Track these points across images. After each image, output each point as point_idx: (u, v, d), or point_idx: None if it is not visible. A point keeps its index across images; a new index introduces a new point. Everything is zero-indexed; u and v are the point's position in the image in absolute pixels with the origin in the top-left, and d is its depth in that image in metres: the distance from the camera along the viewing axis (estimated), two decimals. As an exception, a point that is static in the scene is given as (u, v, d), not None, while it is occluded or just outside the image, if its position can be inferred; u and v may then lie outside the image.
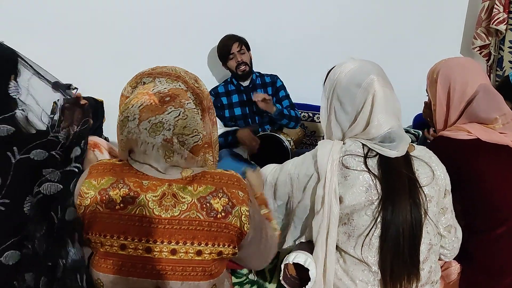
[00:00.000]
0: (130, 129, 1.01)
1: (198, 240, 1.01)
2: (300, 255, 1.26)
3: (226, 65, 2.71)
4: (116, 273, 1.03)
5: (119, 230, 1.01)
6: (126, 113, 1.02)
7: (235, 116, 2.70)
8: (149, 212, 1.01)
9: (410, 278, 1.20)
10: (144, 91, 1.03)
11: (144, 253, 1.01)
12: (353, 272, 1.24)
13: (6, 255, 0.98)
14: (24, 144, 1.04)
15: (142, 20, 2.80)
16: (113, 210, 1.02)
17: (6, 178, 1.00)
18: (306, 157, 1.34)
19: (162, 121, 1.00)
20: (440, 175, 1.29)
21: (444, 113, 1.56)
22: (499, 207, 1.40)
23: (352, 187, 1.22)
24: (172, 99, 1.02)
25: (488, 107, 1.47)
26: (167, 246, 1.01)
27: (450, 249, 1.38)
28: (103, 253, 1.03)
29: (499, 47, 3.15)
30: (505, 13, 3.00)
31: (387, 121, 1.23)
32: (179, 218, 1.01)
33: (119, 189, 1.02)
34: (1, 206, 0.99)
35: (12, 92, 1.05)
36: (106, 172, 1.06)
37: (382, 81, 1.26)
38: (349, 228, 1.24)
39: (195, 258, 1.02)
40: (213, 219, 1.02)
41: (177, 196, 1.02)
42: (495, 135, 1.44)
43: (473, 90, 1.48)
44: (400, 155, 1.23)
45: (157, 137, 1.00)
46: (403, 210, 1.18)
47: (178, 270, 1.02)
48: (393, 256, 1.19)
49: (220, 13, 2.90)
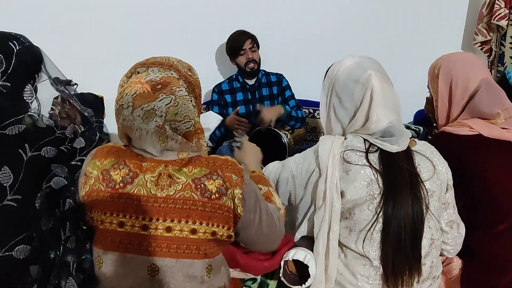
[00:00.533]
0: (125, 117, 1.05)
1: (193, 219, 1.05)
2: (300, 252, 1.26)
3: (234, 61, 2.68)
4: (114, 249, 1.07)
5: (118, 208, 1.06)
6: (121, 101, 1.06)
7: (239, 114, 2.68)
8: (146, 191, 1.05)
9: (411, 272, 1.20)
10: (137, 80, 1.07)
11: (141, 231, 1.05)
12: (354, 267, 1.24)
13: (17, 249, 1.02)
14: (34, 141, 1.09)
15: (143, 16, 2.79)
16: (113, 189, 1.06)
17: (18, 175, 1.04)
18: (307, 153, 1.34)
19: (154, 108, 1.03)
20: (441, 170, 1.28)
21: (446, 108, 1.56)
22: (501, 203, 1.40)
23: (353, 181, 1.22)
24: (163, 87, 1.06)
25: (491, 102, 1.46)
26: (162, 223, 1.05)
27: (453, 245, 1.37)
28: (103, 230, 1.07)
29: (500, 42, 3.14)
30: (506, 9, 2.99)
31: (386, 115, 1.23)
32: (174, 197, 1.05)
33: (120, 169, 1.07)
34: (13, 202, 1.03)
35: (27, 96, 1.13)
36: (109, 154, 1.10)
37: (380, 76, 1.26)
38: (351, 222, 1.24)
39: (189, 236, 1.05)
40: (207, 200, 1.05)
41: (172, 176, 1.06)
42: (497, 130, 1.44)
43: (475, 85, 1.47)
44: (401, 150, 1.23)
45: (150, 123, 1.03)
46: (404, 204, 1.18)
47: (172, 247, 1.05)
48: (395, 251, 1.19)
49: (221, 12, 2.90)
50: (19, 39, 1.16)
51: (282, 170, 1.39)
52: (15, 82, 1.12)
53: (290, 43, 3.03)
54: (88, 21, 2.70)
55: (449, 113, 1.55)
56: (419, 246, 1.21)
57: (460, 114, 1.52)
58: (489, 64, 3.23)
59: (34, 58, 1.19)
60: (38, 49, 1.22)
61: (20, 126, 1.08)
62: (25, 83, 1.14)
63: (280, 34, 2.97)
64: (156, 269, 1.05)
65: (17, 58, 1.12)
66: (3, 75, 1.10)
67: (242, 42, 2.61)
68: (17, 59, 1.12)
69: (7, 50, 1.12)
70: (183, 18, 2.86)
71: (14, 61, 1.12)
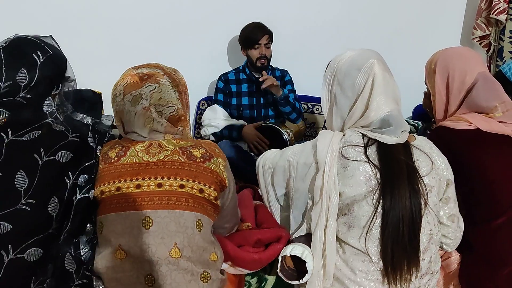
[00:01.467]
0: (117, 103, 1.23)
1: (180, 176, 1.18)
2: (297, 247, 1.26)
3: (246, 52, 2.66)
4: (112, 211, 1.18)
5: (114, 177, 1.19)
6: (115, 91, 1.24)
7: (242, 105, 2.68)
8: (138, 160, 1.20)
9: (410, 265, 1.20)
10: (128, 72, 1.26)
11: (135, 189, 1.17)
12: (353, 263, 1.24)
13: (28, 252, 1.04)
14: (50, 146, 1.11)
15: (141, 12, 2.78)
16: (109, 164, 1.21)
17: (33, 179, 1.07)
18: (306, 146, 1.34)
19: (141, 93, 1.21)
20: (440, 165, 1.28)
21: (444, 103, 1.56)
22: (499, 197, 1.40)
23: (351, 177, 1.22)
24: (149, 77, 1.23)
25: (488, 95, 1.47)
26: (154, 181, 1.17)
27: (453, 239, 1.38)
28: (104, 199, 1.19)
29: (499, 37, 3.14)
30: (505, 3, 2.99)
31: (386, 103, 1.24)
32: (164, 160, 1.20)
33: (115, 148, 1.24)
34: (27, 206, 1.05)
35: (46, 108, 1.16)
36: (110, 143, 1.28)
37: (382, 65, 1.28)
38: (349, 218, 1.24)
39: (178, 190, 1.17)
40: (192, 162, 1.20)
41: (161, 145, 1.22)
42: (495, 125, 1.44)
43: (472, 79, 1.48)
44: (399, 142, 1.23)
45: (137, 106, 1.20)
46: (402, 196, 1.19)
47: (164, 199, 1.16)
48: (393, 242, 1.19)
49: (221, 5, 2.88)
50: (43, 47, 1.16)
51: (280, 159, 1.39)
52: (36, 94, 1.13)
53: (288, 37, 3.02)
54: (86, 17, 2.69)
55: (447, 108, 1.55)
56: (418, 238, 1.21)
57: (458, 109, 1.52)
58: (488, 58, 3.22)
59: (57, 68, 1.19)
60: (62, 56, 1.23)
61: (35, 132, 1.10)
62: (46, 95, 1.16)
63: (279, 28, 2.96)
64: (150, 221, 1.15)
65: (41, 71, 1.13)
66: (25, 88, 1.11)
67: (260, 37, 2.57)
68: (41, 72, 1.13)
69: (30, 63, 1.12)
70: (183, 12, 2.85)
71: (37, 74, 1.12)
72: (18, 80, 1.11)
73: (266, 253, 1.31)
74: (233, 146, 2.52)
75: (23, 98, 1.11)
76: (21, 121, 1.10)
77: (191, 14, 2.87)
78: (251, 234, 1.33)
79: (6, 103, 1.10)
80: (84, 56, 2.67)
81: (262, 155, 1.49)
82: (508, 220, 1.39)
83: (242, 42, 2.67)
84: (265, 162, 1.44)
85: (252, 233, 1.34)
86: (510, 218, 1.39)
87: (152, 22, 2.81)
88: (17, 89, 1.11)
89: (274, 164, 1.40)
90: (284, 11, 2.99)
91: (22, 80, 1.11)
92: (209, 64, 2.97)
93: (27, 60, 1.12)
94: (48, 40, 1.21)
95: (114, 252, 1.15)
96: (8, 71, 1.11)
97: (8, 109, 1.09)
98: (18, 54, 1.13)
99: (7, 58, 1.12)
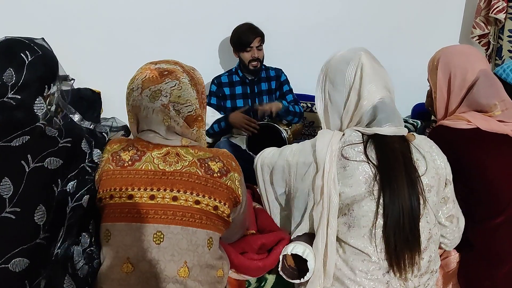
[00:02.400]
0: (134, 97, 1.18)
1: (197, 191, 1.14)
2: (299, 246, 1.26)
3: (238, 54, 2.65)
4: (122, 220, 1.12)
5: (127, 183, 1.14)
6: (132, 85, 1.19)
7: (237, 107, 2.66)
8: (154, 167, 1.15)
9: (412, 254, 1.20)
10: (147, 66, 1.21)
11: (148, 200, 1.12)
12: (353, 262, 1.24)
13: (13, 262, 1.00)
14: (38, 152, 1.07)
15: (140, 11, 2.78)
16: (122, 167, 1.15)
17: (19, 187, 1.03)
18: (305, 145, 1.34)
19: (160, 89, 1.16)
20: (440, 165, 1.29)
21: (445, 100, 1.56)
22: (498, 196, 1.40)
23: (351, 177, 1.22)
24: (169, 73, 1.18)
25: (488, 93, 1.47)
26: (169, 193, 1.13)
27: (451, 239, 1.38)
28: (112, 204, 1.14)
29: (498, 36, 3.14)
30: (504, 2, 2.99)
31: (378, 91, 1.26)
32: (181, 171, 1.15)
33: (129, 151, 1.17)
34: (12, 215, 1.01)
35: (37, 109, 1.11)
36: (120, 141, 1.22)
37: (370, 56, 1.31)
38: (349, 219, 1.24)
39: (193, 206, 1.13)
40: (209, 176, 1.16)
41: (180, 154, 1.17)
42: (495, 124, 1.44)
43: (473, 76, 1.48)
44: (398, 134, 1.24)
45: (156, 102, 1.15)
46: (400, 189, 1.19)
47: (178, 215, 1.12)
48: (395, 234, 1.19)
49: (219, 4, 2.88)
50: (32, 47, 1.12)
51: (278, 158, 1.38)
52: (25, 95, 1.09)
53: (287, 36, 3.02)
54: (85, 15, 2.68)
55: (448, 106, 1.56)
56: (418, 227, 1.21)
57: (458, 107, 1.52)
58: (487, 57, 3.22)
59: (47, 68, 1.14)
60: (52, 56, 1.18)
61: (24, 137, 1.06)
62: (36, 95, 1.11)
63: (276, 26, 2.96)
64: (162, 236, 1.11)
65: (28, 70, 1.09)
66: (13, 88, 1.07)
67: (251, 39, 2.56)
68: (28, 71, 1.09)
69: (18, 62, 1.08)
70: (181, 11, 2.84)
71: (24, 73, 1.08)
72: (5, 79, 1.06)
73: (270, 258, 1.29)
74: (231, 145, 2.52)
75: (11, 99, 1.07)
76: (11, 123, 1.06)
77: (190, 13, 2.87)
78: (255, 239, 1.33)
79: None
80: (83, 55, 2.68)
81: (260, 154, 1.48)
82: (507, 219, 1.40)
83: (233, 44, 2.66)
84: (263, 161, 1.44)
85: (256, 238, 1.33)
86: (509, 217, 1.39)
87: (151, 22, 2.81)
88: (4, 90, 1.07)
89: (273, 163, 1.40)
90: (282, 10, 2.99)
91: (9, 80, 1.07)
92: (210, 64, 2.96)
93: (15, 59, 1.08)
94: (38, 41, 1.17)
95: (121, 265, 1.10)
96: None
97: None
98: (5, 54, 1.09)
99: None
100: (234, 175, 1.19)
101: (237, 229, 1.31)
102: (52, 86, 1.15)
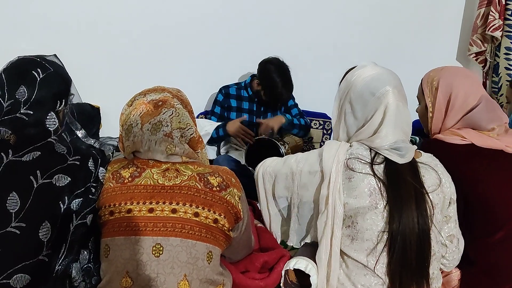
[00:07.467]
0: (135, 133, 1.19)
1: (196, 204, 1.14)
2: (301, 261, 1.25)
3: (258, 86, 2.59)
4: (120, 234, 1.12)
5: (126, 198, 1.14)
6: (129, 122, 1.20)
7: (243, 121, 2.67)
8: (153, 182, 1.16)
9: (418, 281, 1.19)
10: (138, 101, 1.23)
11: (147, 213, 1.12)
12: (356, 277, 1.23)
13: (14, 278, 1.00)
14: (47, 168, 1.08)
15: (139, 27, 2.79)
16: (122, 183, 1.16)
17: (26, 202, 1.04)
18: (311, 154, 1.34)
19: (160, 120, 1.18)
20: (445, 183, 1.28)
21: (442, 119, 1.57)
22: (496, 212, 1.40)
23: (356, 189, 1.21)
24: (164, 103, 1.21)
25: (489, 118, 1.49)
26: (168, 206, 1.13)
27: (450, 259, 1.37)
28: (112, 220, 1.14)
29: (494, 53, 3.18)
30: (500, 20, 3.03)
31: (394, 134, 1.23)
32: (180, 185, 1.15)
33: (129, 168, 1.19)
34: (17, 230, 1.01)
35: (50, 124, 1.14)
36: (120, 161, 1.24)
37: (397, 94, 1.26)
38: (353, 231, 1.23)
39: (193, 218, 1.13)
40: (209, 190, 1.16)
41: (179, 170, 1.18)
42: (489, 140, 1.45)
43: (475, 100, 1.49)
44: (407, 161, 1.23)
45: (158, 134, 1.17)
46: (410, 222, 1.18)
47: (177, 227, 1.12)
48: (401, 267, 1.18)
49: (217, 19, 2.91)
50: (44, 65, 1.16)
51: (283, 166, 1.38)
52: (37, 110, 1.12)
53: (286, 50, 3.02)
54: (84, 30, 2.70)
55: (444, 123, 1.56)
56: (426, 262, 1.20)
57: (454, 125, 1.53)
58: (484, 74, 3.26)
59: (58, 84, 1.17)
60: (63, 73, 1.22)
61: (35, 153, 1.08)
62: (48, 111, 1.14)
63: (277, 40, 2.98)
64: (161, 248, 1.10)
65: (40, 86, 1.13)
66: (26, 103, 1.10)
67: (281, 92, 2.51)
68: (40, 88, 1.12)
69: (30, 80, 1.12)
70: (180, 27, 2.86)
71: (36, 90, 1.12)
72: (18, 96, 1.10)
73: (271, 277, 1.29)
74: (231, 160, 2.52)
75: (24, 114, 1.10)
76: (24, 138, 1.09)
77: (188, 29, 2.88)
78: (257, 257, 1.32)
79: (7, 120, 1.09)
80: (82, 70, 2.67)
81: (261, 163, 1.47)
82: (507, 235, 1.39)
83: (261, 81, 2.58)
84: (265, 169, 1.43)
85: (258, 256, 1.33)
86: (509, 232, 1.39)
87: (149, 36, 2.81)
88: (17, 105, 1.10)
89: (276, 171, 1.39)
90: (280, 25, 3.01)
91: (22, 96, 1.10)
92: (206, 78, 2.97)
93: (27, 77, 1.12)
94: (50, 58, 1.21)
95: (120, 279, 1.09)
96: (9, 90, 1.11)
97: (11, 126, 1.08)
98: (19, 74, 1.13)
99: (8, 78, 1.12)
100: (233, 190, 1.19)
101: (240, 248, 1.30)
102: (64, 102, 1.18)
